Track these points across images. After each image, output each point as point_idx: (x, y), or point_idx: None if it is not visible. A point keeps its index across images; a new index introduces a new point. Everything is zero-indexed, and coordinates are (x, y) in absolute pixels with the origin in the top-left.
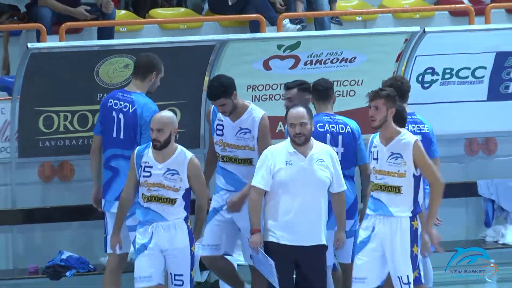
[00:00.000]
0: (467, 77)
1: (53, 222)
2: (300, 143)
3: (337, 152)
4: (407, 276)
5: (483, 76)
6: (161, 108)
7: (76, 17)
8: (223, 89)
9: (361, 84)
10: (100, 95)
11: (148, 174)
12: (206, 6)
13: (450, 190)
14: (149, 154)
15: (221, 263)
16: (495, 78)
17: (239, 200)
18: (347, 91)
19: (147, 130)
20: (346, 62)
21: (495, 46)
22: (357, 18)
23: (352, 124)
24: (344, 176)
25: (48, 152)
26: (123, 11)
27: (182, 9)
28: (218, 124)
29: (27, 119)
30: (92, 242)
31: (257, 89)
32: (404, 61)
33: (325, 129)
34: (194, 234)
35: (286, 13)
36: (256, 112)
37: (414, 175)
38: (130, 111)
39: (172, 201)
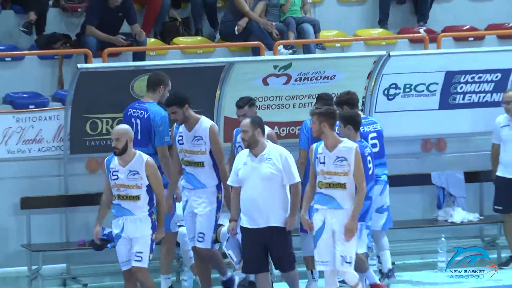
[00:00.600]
0: (423, 91)
1: (96, 205)
2: (245, 146)
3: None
4: (350, 256)
5: (435, 90)
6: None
7: (116, 44)
8: (176, 100)
9: None
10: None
11: (116, 177)
12: (218, 35)
13: (410, 180)
14: (115, 161)
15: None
16: (444, 91)
17: (168, 197)
18: None
19: (158, 131)
20: (327, 79)
21: (445, 66)
22: (336, 45)
23: None
24: None
25: (94, 150)
26: (152, 39)
27: (199, 37)
28: (179, 136)
29: (77, 124)
30: None
31: (258, 100)
32: (373, 78)
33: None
34: (158, 226)
35: (280, 41)
36: (206, 123)
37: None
38: (145, 116)
39: (137, 197)
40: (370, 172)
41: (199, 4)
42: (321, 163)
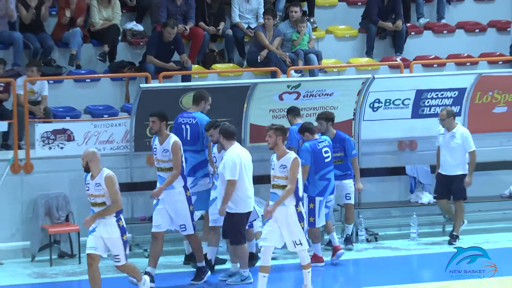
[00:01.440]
0: (399, 104)
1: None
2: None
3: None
4: (299, 239)
5: (408, 104)
6: (220, 119)
7: (168, 69)
8: (157, 114)
9: (337, 109)
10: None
11: (87, 188)
12: (245, 63)
13: (389, 171)
14: (88, 176)
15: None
16: (415, 105)
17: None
18: None
19: (205, 133)
20: (327, 95)
21: (415, 86)
22: (334, 70)
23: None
24: None
25: (151, 148)
26: (196, 65)
27: (231, 64)
28: (154, 149)
29: (139, 129)
30: None
31: (275, 111)
32: (362, 95)
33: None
34: (86, 220)
35: (292, 67)
36: (172, 139)
37: (292, 177)
38: (194, 123)
39: (103, 204)
40: (327, 160)
41: (231, 39)
42: (272, 169)
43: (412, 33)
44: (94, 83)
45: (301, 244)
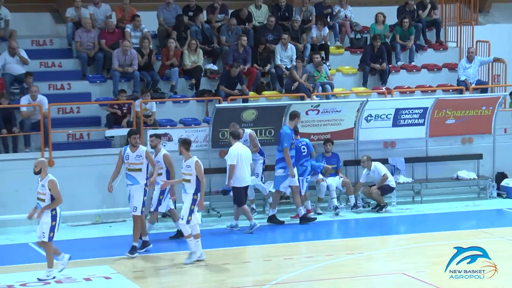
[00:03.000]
0: (384, 118)
1: (222, 174)
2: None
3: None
4: (183, 216)
5: (390, 117)
6: (266, 127)
7: (233, 94)
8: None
9: (343, 120)
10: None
11: (38, 187)
12: (283, 90)
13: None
14: (39, 179)
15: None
16: (395, 118)
17: (153, 179)
18: (336, 123)
19: (282, 140)
20: (337, 112)
21: (395, 106)
22: (342, 95)
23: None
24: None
25: (223, 145)
26: (251, 92)
27: (274, 91)
28: (126, 155)
29: (215, 133)
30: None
31: (302, 122)
32: (360, 111)
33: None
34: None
35: (314, 93)
36: (143, 148)
37: (196, 174)
38: (280, 131)
39: (43, 200)
40: (304, 153)
41: (274, 75)
42: (181, 167)
43: (392, 71)
44: (185, 103)
45: (182, 218)
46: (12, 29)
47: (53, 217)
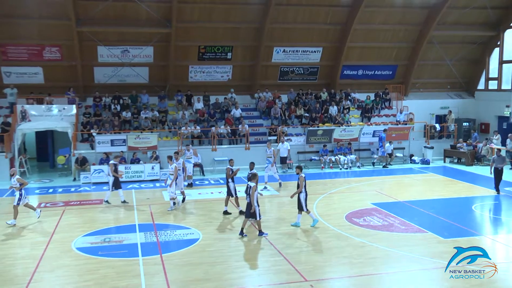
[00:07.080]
0: (370, 133)
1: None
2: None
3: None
4: (172, 192)
5: (378, 134)
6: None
7: None
8: (169, 156)
9: (353, 134)
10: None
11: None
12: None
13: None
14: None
15: None
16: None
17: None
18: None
19: None
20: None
21: (381, 131)
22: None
23: None
24: None
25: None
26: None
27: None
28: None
29: (310, 132)
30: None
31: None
32: (359, 132)
33: None
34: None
35: (322, 115)
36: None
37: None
38: None
39: (16, 188)
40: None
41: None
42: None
43: (375, 116)
44: None
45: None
46: None
47: (20, 195)
